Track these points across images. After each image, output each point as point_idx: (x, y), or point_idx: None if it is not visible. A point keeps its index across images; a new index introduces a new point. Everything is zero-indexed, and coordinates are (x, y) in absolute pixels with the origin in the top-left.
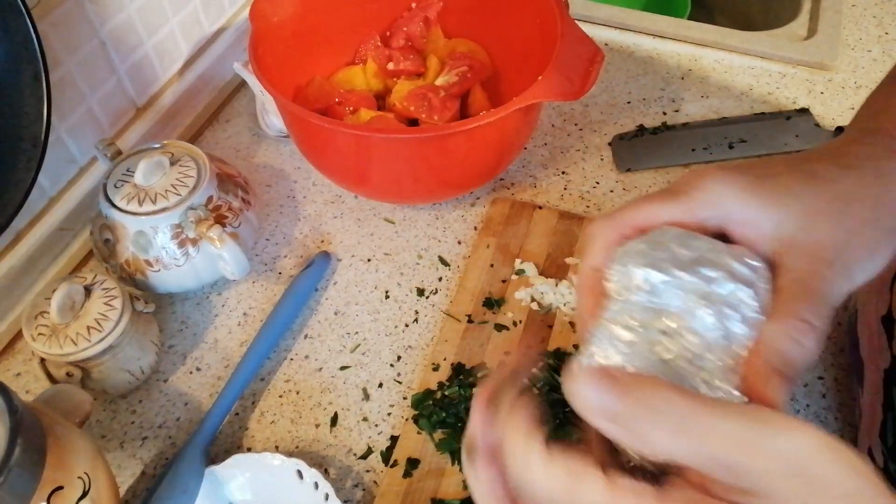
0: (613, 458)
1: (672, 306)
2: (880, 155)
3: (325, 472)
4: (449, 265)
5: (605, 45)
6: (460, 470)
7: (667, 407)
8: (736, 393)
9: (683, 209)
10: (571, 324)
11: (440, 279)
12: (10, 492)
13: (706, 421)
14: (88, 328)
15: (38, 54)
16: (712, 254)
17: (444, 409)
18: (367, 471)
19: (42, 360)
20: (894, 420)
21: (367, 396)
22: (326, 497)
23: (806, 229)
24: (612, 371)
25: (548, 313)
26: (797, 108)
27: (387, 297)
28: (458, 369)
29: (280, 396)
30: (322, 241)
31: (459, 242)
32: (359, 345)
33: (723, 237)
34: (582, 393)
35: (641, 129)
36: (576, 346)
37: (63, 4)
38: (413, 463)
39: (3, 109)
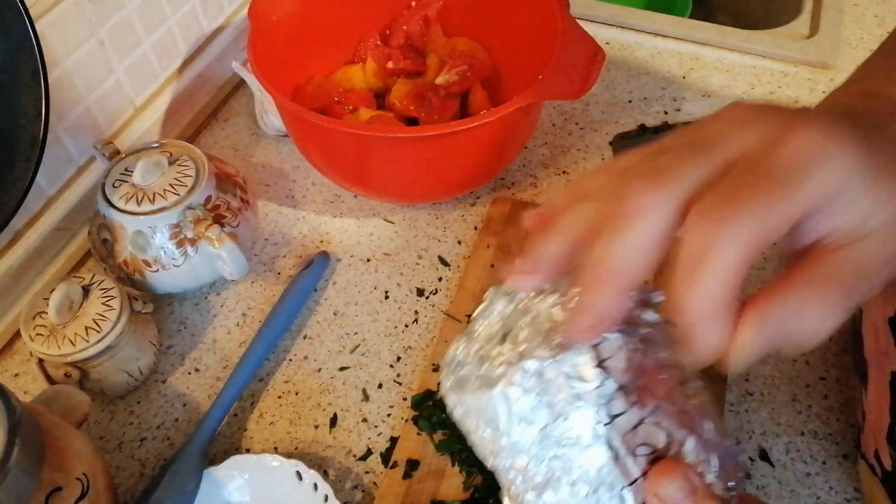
0: None
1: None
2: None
3: (325, 474)
4: (449, 265)
5: (606, 43)
6: (460, 471)
7: None
8: None
9: (806, 204)
10: None
11: (440, 279)
12: (8, 493)
13: None
14: (87, 328)
15: (37, 53)
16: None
17: (444, 410)
18: (367, 472)
19: (40, 361)
20: None
21: (366, 397)
22: (326, 498)
23: None
24: None
25: None
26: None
27: (386, 297)
28: None
29: (279, 397)
30: (321, 241)
31: (459, 242)
32: (358, 345)
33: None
34: None
35: (643, 128)
36: None
37: (61, 3)
38: (413, 464)
39: (1, 109)
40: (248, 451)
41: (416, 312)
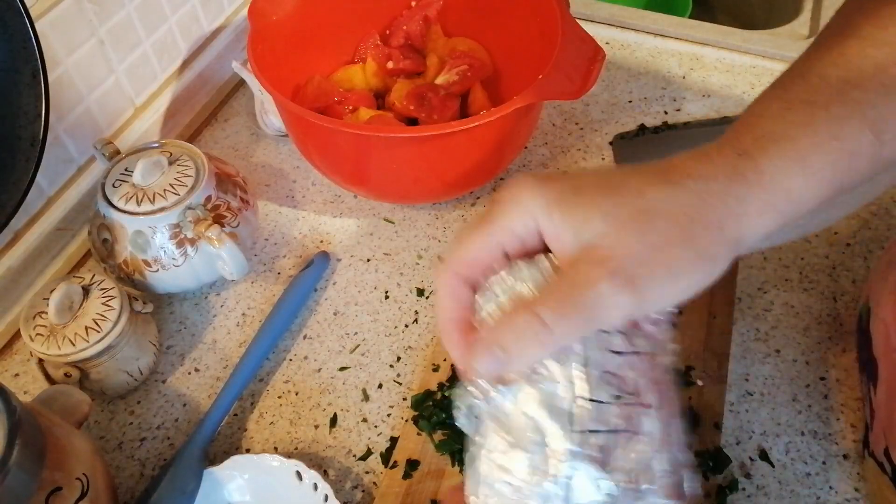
0: None
1: None
2: (712, 174)
3: (325, 474)
4: None
5: (606, 43)
6: (460, 471)
7: None
8: None
9: (501, 233)
10: None
11: None
12: (8, 493)
13: None
14: (87, 328)
15: (37, 53)
16: None
17: (444, 410)
18: (367, 472)
19: (40, 361)
20: None
21: (366, 397)
22: (326, 498)
23: (603, 240)
24: None
25: None
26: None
27: (386, 297)
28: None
29: (279, 397)
30: (321, 241)
31: None
32: (358, 345)
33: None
34: None
35: (642, 128)
36: None
37: (61, 3)
38: (413, 464)
39: (1, 109)
40: (248, 451)
41: (416, 312)
